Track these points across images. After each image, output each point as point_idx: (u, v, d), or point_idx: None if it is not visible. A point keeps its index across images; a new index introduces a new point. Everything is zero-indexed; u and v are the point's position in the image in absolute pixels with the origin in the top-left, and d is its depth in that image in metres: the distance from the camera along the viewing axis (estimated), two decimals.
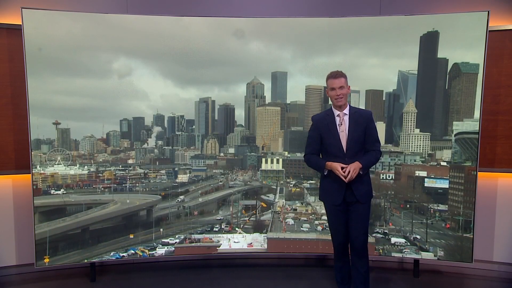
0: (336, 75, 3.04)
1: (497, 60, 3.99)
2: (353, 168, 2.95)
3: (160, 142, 4.43)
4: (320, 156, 3.22)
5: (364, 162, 3.02)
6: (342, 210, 3.15)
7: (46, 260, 3.88)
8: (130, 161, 4.34)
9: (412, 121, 4.17)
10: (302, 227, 4.34)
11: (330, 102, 4.42)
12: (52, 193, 3.98)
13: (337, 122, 3.09)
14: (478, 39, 3.74)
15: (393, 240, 4.17)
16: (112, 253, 4.08)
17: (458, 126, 4.01)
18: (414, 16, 3.93)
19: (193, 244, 4.27)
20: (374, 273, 4.23)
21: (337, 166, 2.99)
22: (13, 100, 3.99)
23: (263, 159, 4.50)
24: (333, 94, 3.07)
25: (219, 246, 4.27)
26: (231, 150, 4.55)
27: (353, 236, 3.14)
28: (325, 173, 3.11)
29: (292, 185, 4.50)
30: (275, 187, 4.51)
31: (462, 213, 3.99)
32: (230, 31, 4.08)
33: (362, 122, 3.07)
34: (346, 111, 3.10)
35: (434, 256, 4.05)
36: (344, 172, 2.95)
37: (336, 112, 3.10)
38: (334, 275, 4.20)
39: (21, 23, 3.62)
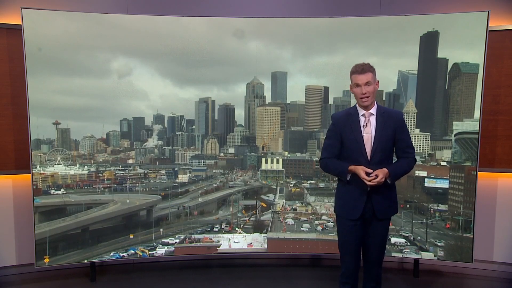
0: (362, 69, 2.61)
1: (497, 60, 3.99)
2: (382, 176, 2.50)
3: (160, 142, 4.43)
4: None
5: (393, 170, 2.59)
6: (359, 227, 2.70)
7: (46, 260, 3.88)
8: (130, 161, 4.34)
9: (412, 121, 4.17)
10: (302, 227, 4.34)
11: (331, 102, 4.45)
12: (52, 193, 3.98)
13: (362, 123, 2.65)
14: (478, 39, 3.74)
15: (393, 240, 4.16)
16: (112, 253, 4.08)
17: (458, 126, 4.01)
18: (414, 16, 3.93)
19: (193, 244, 4.27)
20: None
21: (360, 170, 2.53)
22: (13, 100, 3.99)
23: (263, 159, 4.50)
24: (357, 92, 2.62)
25: (219, 246, 4.27)
26: (231, 150, 4.55)
27: (368, 257, 2.78)
28: (348, 179, 2.63)
29: (292, 185, 4.50)
30: (275, 187, 4.51)
31: (462, 213, 3.99)
32: (229, 31, 4.08)
33: (391, 124, 2.63)
34: (373, 110, 2.66)
35: (434, 256, 4.05)
36: (369, 176, 2.51)
37: (361, 111, 2.67)
38: (334, 275, 4.21)
39: (21, 23, 3.62)
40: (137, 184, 4.27)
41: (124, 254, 4.11)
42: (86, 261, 4.00)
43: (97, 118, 4.19)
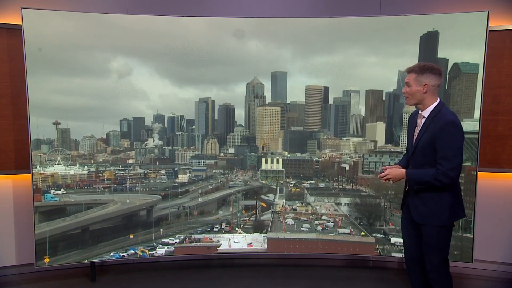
0: (407, 69, 2.66)
1: (497, 60, 3.99)
2: (390, 172, 2.70)
3: (160, 142, 4.43)
4: None
5: (411, 173, 2.64)
6: (408, 220, 2.79)
7: (46, 260, 3.88)
8: (130, 161, 4.34)
9: None
10: (302, 227, 4.34)
11: (331, 102, 4.44)
12: (52, 193, 3.98)
13: (417, 123, 2.71)
14: (478, 39, 3.73)
15: (393, 240, 4.17)
16: (112, 253, 4.08)
17: None
18: (414, 16, 3.93)
19: (193, 244, 4.27)
20: (374, 273, 4.24)
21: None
22: (13, 100, 3.99)
23: (263, 159, 4.50)
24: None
25: (219, 246, 4.27)
26: (231, 150, 4.55)
27: (424, 260, 2.77)
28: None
29: (292, 185, 4.50)
30: (275, 187, 4.51)
31: None
32: (229, 31, 4.08)
33: (432, 130, 2.55)
34: (425, 112, 2.63)
35: None
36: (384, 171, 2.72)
37: (419, 112, 2.71)
38: (334, 275, 4.22)
39: (21, 23, 3.61)
40: (137, 184, 4.27)
41: (124, 254, 4.11)
42: (86, 261, 4.00)
43: (97, 118, 4.19)
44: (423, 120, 2.64)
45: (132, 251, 4.13)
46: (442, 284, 2.71)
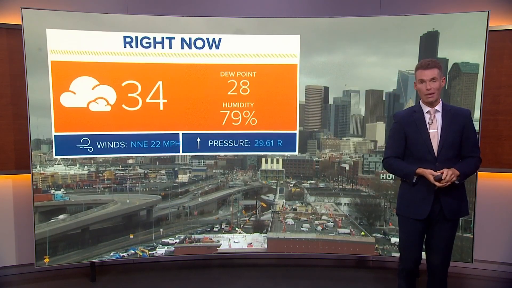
0: (427, 64, 2.57)
1: (497, 60, 3.99)
2: (454, 172, 2.47)
3: None
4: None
5: (461, 169, 2.54)
6: (422, 228, 2.71)
7: (46, 260, 3.88)
8: (130, 161, 4.33)
9: None
10: (302, 227, 4.34)
11: (331, 102, 4.44)
12: (52, 193, 3.98)
13: (427, 120, 2.64)
14: (478, 39, 3.74)
15: (393, 240, 4.16)
16: (112, 253, 4.08)
17: None
18: (414, 16, 3.93)
19: (193, 244, 4.27)
20: (374, 273, 4.24)
21: (429, 175, 2.51)
22: (13, 100, 3.99)
23: (263, 159, 4.50)
24: (422, 88, 2.59)
25: (219, 246, 4.27)
26: None
27: (431, 260, 2.79)
28: (414, 181, 2.63)
29: (292, 185, 4.50)
30: (275, 187, 4.51)
31: None
32: (229, 31, 4.06)
33: (459, 121, 2.60)
34: (439, 107, 2.63)
35: None
36: (438, 177, 2.48)
37: (426, 108, 2.64)
38: (334, 275, 4.22)
39: (21, 23, 3.61)
40: (137, 184, 4.27)
41: (124, 254, 4.11)
42: (86, 261, 4.00)
43: None
44: (439, 114, 2.64)
45: (132, 251, 4.13)
46: (445, 280, 2.82)
